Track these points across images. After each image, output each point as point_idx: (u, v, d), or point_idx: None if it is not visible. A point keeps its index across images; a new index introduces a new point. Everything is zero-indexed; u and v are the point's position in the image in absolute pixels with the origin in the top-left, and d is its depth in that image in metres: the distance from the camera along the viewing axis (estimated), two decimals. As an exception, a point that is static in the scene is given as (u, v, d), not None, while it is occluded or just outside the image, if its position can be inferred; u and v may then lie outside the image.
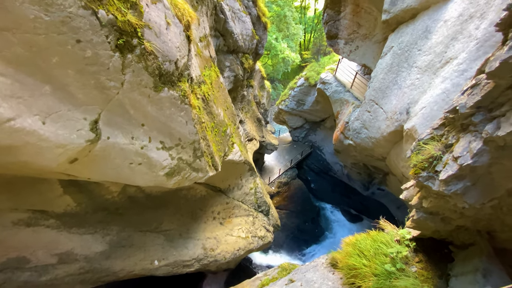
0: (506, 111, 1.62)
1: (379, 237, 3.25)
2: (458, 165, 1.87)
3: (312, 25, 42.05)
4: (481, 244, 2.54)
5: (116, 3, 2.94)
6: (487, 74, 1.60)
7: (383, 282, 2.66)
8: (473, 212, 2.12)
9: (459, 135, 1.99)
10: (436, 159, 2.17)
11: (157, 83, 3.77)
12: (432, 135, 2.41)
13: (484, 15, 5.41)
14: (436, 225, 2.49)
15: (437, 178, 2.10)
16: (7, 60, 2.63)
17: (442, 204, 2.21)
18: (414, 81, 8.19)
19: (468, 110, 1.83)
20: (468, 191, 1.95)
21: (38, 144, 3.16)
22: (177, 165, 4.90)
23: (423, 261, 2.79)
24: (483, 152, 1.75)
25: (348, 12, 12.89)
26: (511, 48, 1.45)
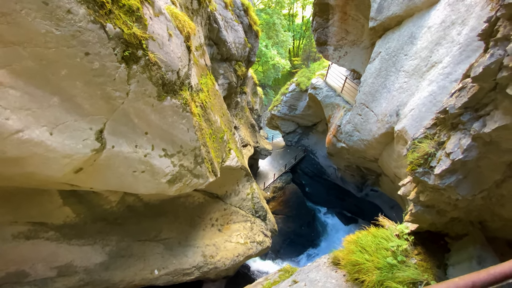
0: (490, 111, 1.83)
1: (379, 233, 3.41)
2: (451, 160, 2.07)
3: (300, 32, 43.00)
4: (474, 234, 2.74)
5: (123, 17, 3.07)
6: (472, 78, 1.81)
7: (386, 275, 2.80)
8: (466, 204, 2.32)
9: (450, 133, 2.20)
10: (431, 155, 2.37)
11: (160, 92, 3.88)
12: (425, 134, 2.62)
13: (465, 21, 5.80)
14: (432, 218, 2.68)
15: (432, 173, 2.30)
16: (17, 73, 2.70)
17: (437, 197, 2.40)
18: (402, 85, 8.55)
19: (457, 111, 2.04)
20: (460, 184, 2.15)
21: (45, 155, 3.20)
22: (178, 172, 4.97)
23: (421, 253, 2.97)
24: (472, 148, 1.95)
25: (336, 20, 13.36)
26: (492, 55, 1.66)
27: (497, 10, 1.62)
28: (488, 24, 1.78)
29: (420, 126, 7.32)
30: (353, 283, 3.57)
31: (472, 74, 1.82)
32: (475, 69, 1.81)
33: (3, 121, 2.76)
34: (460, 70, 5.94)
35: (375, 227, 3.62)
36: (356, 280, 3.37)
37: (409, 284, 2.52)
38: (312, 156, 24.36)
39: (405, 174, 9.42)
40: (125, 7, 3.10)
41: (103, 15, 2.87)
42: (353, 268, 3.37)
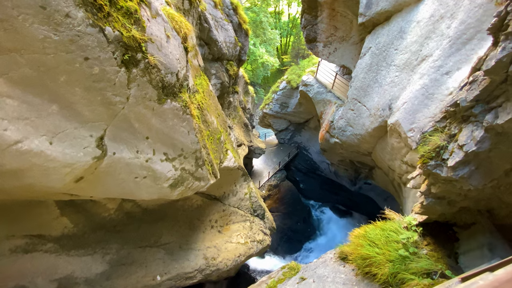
0: (502, 102, 1.89)
1: (387, 226, 3.47)
2: (464, 152, 2.13)
3: (287, 30, 43.13)
4: (482, 222, 2.83)
5: (121, 19, 2.97)
6: (485, 71, 1.87)
7: (399, 267, 2.86)
8: (476, 193, 2.39)
9: (461, 125, 2.26)
10: (442, 148, 2.42)
11: (160, 95, 3.79)
12: (435, 127, 2.68)
13: (454, 15, 5.95)
14: (443, 209, 2.75)
15: (445, 165, 2.35)
16: (14, 81, 2.58)
17: (449, 188, 2.46)
18: (393, 79, 8.71)
19: (468, 103, 2.10)
20: (472, 175, 2.21)
21: (45, 165, 3.08)
22: (180, 175, 4.90)
23: (431, 244, 3.04)
24: (485, 139, 2.01)
25: (324, 17, 13.45)
26: (503, 49, 1.71)
27: (508, 4, 1.68)
28: (497, 18, 1.83)
29: (414, 118, 7.49)
30: (363, 277, 3.62)
31: (484, 68, 1.87)
32: (487, 62, 1.86)
33: (1, 133, 2.63)
34: (451, 62, 6.10)
35: (383, 221, 3.68)
36: (367, 274, 3.41)
37: (423, 275, 2.59)
38: (305, 152, 24.56)
39: (399, 166, 9.64)
40: (123, 9, 3.00)
41: (102, 18, 2.77)
42: (363, 262, 3.41)
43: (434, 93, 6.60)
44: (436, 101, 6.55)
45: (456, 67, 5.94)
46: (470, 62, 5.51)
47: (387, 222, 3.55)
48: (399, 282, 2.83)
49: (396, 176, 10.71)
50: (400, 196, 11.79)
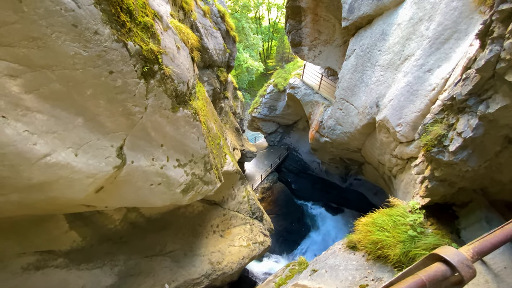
0: (491, 94, 2.26)
1: (393, 212, 3.80)
2: (462, 138, 2.49)
3: (268, 34, 44.00)
4: (478, 199, 3.23)
5: (140, 34, 3.15)
6: (476, 70, 2.24)
7: (410, 246, 3.17)
8: (472, 174, 2.76)
9: (458, 116, 2.63)
10: (443, 136, 2.78)
11: (174, 104, 3.96)
12: (434, 119, 3.05)
13: (431, 17, 6.53)
14: (445, 190, 3.11)
15: (446, 150, 2.71)
16: (44, 96, 2.68)
17: (450, 171, 2.82)
18: (379, 78, 9.27)
19: (463, 97, 2.46)
20: (470, 157, 2.58)
21: (71, 177, 3.17)
22: (191, 180, 5.04)
23: (434, 223, 3.39)
24: (479, 126, 2.38)
25: (308, 21, 14.03)
26: (491, 51, 2.08)
27: (492, 14, 2.05)
28: (484, 25, 2.21)
29: (401, 114, 8.02)
30: (374, 261, 3.93)
31: (476, 67, 2.25)
32: (477, 62, 2.24)
33: (31, 147, 2.72)
34: (431, 61, 6.66)
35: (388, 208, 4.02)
36: (379, 257, 3.72)
37: (432, 250, 2.91)
38: (295, 153, 25.04)
39: (389, 160, 10.18)
40: (141, 24, 3.18)
41: (125, 34, 2.94)
42: (375, 246, 3.72)
43: (418, 89, 7.14)
44: (420, 96, 7.09)
45: (436, 65, 6.50)
46: (450, 60, 6.07)
47: (392, 209, 3.89)
48: (411, 259, 3.15)
49: (386, 169, 11.26)
50: (391, 189, 12.36)
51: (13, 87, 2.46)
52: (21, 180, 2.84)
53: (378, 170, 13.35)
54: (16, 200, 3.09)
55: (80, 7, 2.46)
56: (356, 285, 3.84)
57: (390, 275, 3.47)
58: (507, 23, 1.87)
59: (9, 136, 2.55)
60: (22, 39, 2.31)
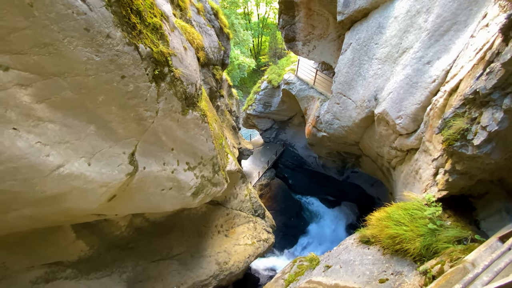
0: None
1: (408, 206, 3.83)
2: (487, 132, 2.52)
3: (258, 30, 43.68)
4: (495, 190, 3.29)
5: (150, 35, 3.03)
6: (502, 64, 2.25)
7: (430, 239, 3.21)
8: (492, 166, 2.80)
9: (481, 110, 2.65)
10: (467, 130, 2.81)
11: (184, 106, 3.86)
12: (455, 113, 3.07)
13: (430, 9, 6.58)
14: (465, 183, 3.16)
15: (470, 144, 2.73)
16: (56, 105, 2.55)
17: (472, 164, 2.86)
18: (376, 71, 9.31)
19: (487, 91, 2.48)
20: (493, 151, 2.61)
21: (84, 187, 3.05)
22: (201, 183, 4.96)
23: (452, 216, 3.44)
24: (505, 120, 2.41)
25: (302, 16, 13.95)
26: None
27: None
28: (508, 20, 2.22)
29: (401, 106, 8.10)
30: (392, 255, 3.96)
31: (502, 61, 2.26)
32: (503, 56, 2.25)
33: (44, 159, 2.59)
34: (431, 53, 6.72)
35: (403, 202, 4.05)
36: (397, 251, 3.75)
37: (455, 242, 2.95)
38: (291, 149, 25.11)
39: (388, 152, 10.30)
40: (151, 26, 3.06)
41: (135, 36, 2.82)
42: (393, 241, 3.74)
43: (418, 81, 7.21)
44: (420, 89, 7.17)
45: (436, 57, 6.57)
46: (450, 51, 6.14)
47: (407, 203, 3.92)
48: (432, 252, 3.19)
49: (385, 161, 11.41)
50: (390, 180, 12.55)
51: (24, 97, 2.33)
52: (34, 193, 2.71)
53: (376, 163, 13.52)
54: (28, 215, 2.96)
55: (92, 9, 2.33)
56: (375, 279, 3.86)
57: (410, 269, 3.50)
58: (536, 16, 1.89)
59: (21, 149, 2.42)
60: (33, 45, 2.18)
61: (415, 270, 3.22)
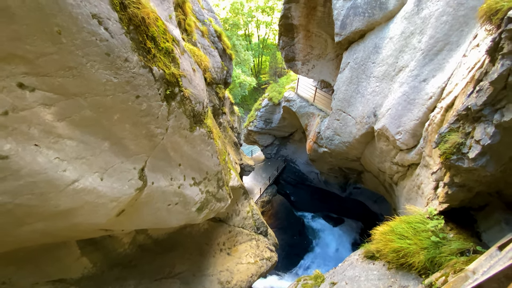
0: (505, 104, 2.47)
1: (411, 219, 3.89)
2: (481, 145, 2.66)
3: (258, 50, 45.20)
4: (494, 202, 3.37)
5: (163, 59, 3.27)
6: (490, 82, 2.45)
7: (434, 251, 3.24)
8: (489, 178, 2.91)
9: (474, 125, 2.82)
10: (462, 144, 2.95)
11: (191, 123, 4.05)
12: (450, 128, 3.23)
13: (423, 31, 6.96)
14: (464, 195, 3.25)
15: (465, 158, 2.87)
16: (75, 123, 2.72)
17: (469, 176, 2.96)
18: (374, 89, 9.63)
19: (478, 107, 2.66)
20: (488, 163, 2.74)
21: (96, 202, 3.16)
22: (205, 198, 5.04)
23: (454, 228, 3.49)
24: (496, 134, 2.56)
25: (301, 38, 14.58)
26: (502, 65, 2.30)
27: (501, 33, 2.27)
28: (493, 42, 2.44)
29: (400, 122, 8.30)
30: (397, 269, 3.96)
31: (489, 79, 2.45)
32: (490, 75, 2.44)
33: (61, 174, 2.73)
34: (426, 71, 7.02)
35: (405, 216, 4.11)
36: (402, 265, 3.76)
37: (458, 254, 2.99)
38: (292, 165, 25.15)
39: (389, 167, 10.38)
40: (163, 50, 3.31)
41: (150, 60, 3.05)
42: (397, 255, 3.76)
43: (415, 98, 7.46)
44: (418, 105, 7.40)
45: (431, 75, 6.85)
46: (444, 70, 6.43)
47: (409, 216, 3.98)
48: (436, 265, 3.21)
49: (387, 177, 11.44)
50: (392, 196, 12.51)
51: (47, 116, 2.50)
52: (48, 207, 2.82)
53: (378, 178, 13.53)
54: (40, 229, 3.05)
55: (113, 36, 2.57)
56: (381, 295, 3.84)
57: (415, 283, 3.51)
58: (517, 41, 2.10)
59: (40, 164, 2.56)
60: (59, 69, 2.39)
61: (421, 284, 3.23)
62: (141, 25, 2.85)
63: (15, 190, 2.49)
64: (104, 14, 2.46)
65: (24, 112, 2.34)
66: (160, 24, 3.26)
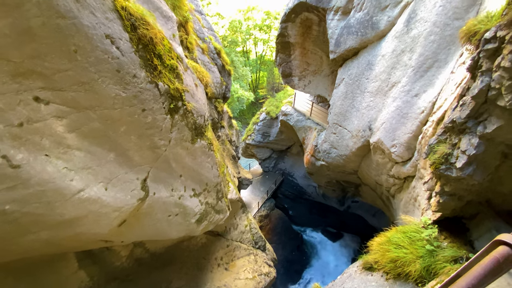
0: (486, 117, 2.66)
1: (407, 229, 3.97)
2: (467, 156, 2.82)
3: (256, 66, 46.38)
4: (484, 211, 3.50)
5: (168, 75, 3.47)
6: (472, 97, 2.66)
7: (429, 260, 3.31)
8: (478, 187, 3.05)
9: (459, 136, 3.00)
10: (449, 155, 3.12)
11: (193, 136, 4.20)
12: (438, 139, 3.41)
13: (413, 49, 7.34)
14: (455, 204, 3.37)
15: (454, 167, 3.02)
16: (84, 134, 2.86)
17: (458, 185, 3.11)
18: (369, 103, 9.94)
19: (462, 120, 2.85)
20: (475, 172, 2.89)
21: (99, 211, 3.24)
22: (205, 210, 5.10)
23: (447, 237, 3.58)
24: (480, 144, 2.73)
25: (297, 55, 15.13)
26: (482, 81, 2.51)
27: (479, 52, 2.51)
28: (472, 61, 2.67)
29: (394, 135, 8.53)
30: (395, 279, 4.01)
31: (471, 94, 2.67)
32: (472, 90, 2.66)
33: (68, 183, 2.83)
34: (417, 87, 7.33)
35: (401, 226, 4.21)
36: (399, 275, 3.82)
37: (452, 262, 3.07)
38: (290, 178, 25.15)
39: (386, 180, 10.51)
40: (169, 67, 3.52)
41: (156, 75, 3.25)
42: (394, 264, 3.82)
43: (408, 112, 7.73)
44: (411, 119, 7.66)
45: (422, 90, 7.16)
46: (434, 85, 6.73)
47: (405, 226, 4.08)
48: (431, 274, 3.28)
49: (384, 189, 11.54)
50: (390, 209, 12.55)
51: (58, 127, 2.65)
52: (54, 216, 2.89)
53: (376, 191, 13.62)
54: (44, 238, 3.10)
55: (123, 55, 2.77)
56: (380, 305, 3.87)
57: (413, 292, 3.56)
58: (493, 59, 2.32)
59: (50, 173, 2.67)
60: (72, 84, 2.56)
61: (418, 293, 3.29)
62: (149, 44, 3.07)
63: (23, 199, 2.59)
64: (117, 35, 2.67)
65: (38, 124, 2.48)
66: (166, 43, 3.48)
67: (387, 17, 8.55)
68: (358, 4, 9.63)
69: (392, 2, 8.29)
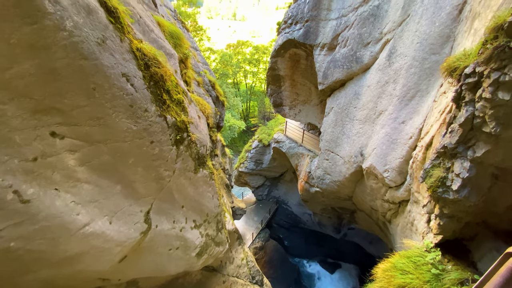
0: (475, 142, 2.92)
1: (410, 253, 4.00)
2: (461, 179, 3.02)
3: (246, 96, 48.01)
4: (483, 232, 3.60)
5: (175, 108, 3.64)
6: (459, 125, 2.93)
7: (436, 284, 3.31)
8: (474, 209, 3.20)
9: (452, 160, 3.22)
10: (445, 178, 3.31)
11: (196, 165, 4.27)
12: (432, 164, 3.62)
13: (396, 80, 7.96)
14: (454, 225, 3.48)
15: (450, 190, 3.19)
16: (94, 168, 2.90)
17: (456, 207, 3.24)
18: (358, 130, 10.38)
19: (453, 145, 3.10)
20: (470, 194, 3.06)
21: (102, 246, 3.15)
22: (205, 242, 4.98)
23: (451, 260, 3.62)
24: (472, 168, 2.95)
25: (287, 86, 15.92)
26: (467, 111, 2.81)
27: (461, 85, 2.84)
28: (456, 93, 3.00)
29: (386, 161, 8.82)
30: (402, 307, 3.93)
31: (458, 122, 2.95)
32: (458, 119, 2.95)
33: (74, 217, 2.79)
34: (403, 114, 7.81)
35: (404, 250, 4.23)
36: (407, 301, 3.77)
37: (458, 284, 3.09)
38: (284, 206, 24.80)
39: (381, 205, 10.61)
40: (176, 101, 3.70)
41: (165, 109, 3.40)
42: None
43: (397, 138, 8.13)
44: (400, 144, 8.03)
45: (409, 117, 7.63)
46: (419, 113, 7.21)
47: (408, 251, 4.11)
48: (441, 299, 3.28)
49: (380, 215, 11.58)
50: (387, 235, 12.46)
51: (70, 161, 2.68)
52: (57, 253, 2.80)
53: (372, 217, 13.60)
54: (43, 278, 2.95)
55: (137, 91, 2.94)
56: (391, 337, 3.75)
57: (423, 320, 3.49)
58: (474, 91, 2.63)
59: (57, 208, 2.64)
60: (88, 119, 2.66)
61: (429, 320, 3.24)
62: (160, 80, 3.27)
63: (29, 235, 2.52)
64: (132, 73, 2.86)
65: (51, 158, 2.52)
66: (173, 79, 3.71)
67: (370, 52, 9.35)
68: (342, 41, 10.52)
69: (373, 39, 9.13)
